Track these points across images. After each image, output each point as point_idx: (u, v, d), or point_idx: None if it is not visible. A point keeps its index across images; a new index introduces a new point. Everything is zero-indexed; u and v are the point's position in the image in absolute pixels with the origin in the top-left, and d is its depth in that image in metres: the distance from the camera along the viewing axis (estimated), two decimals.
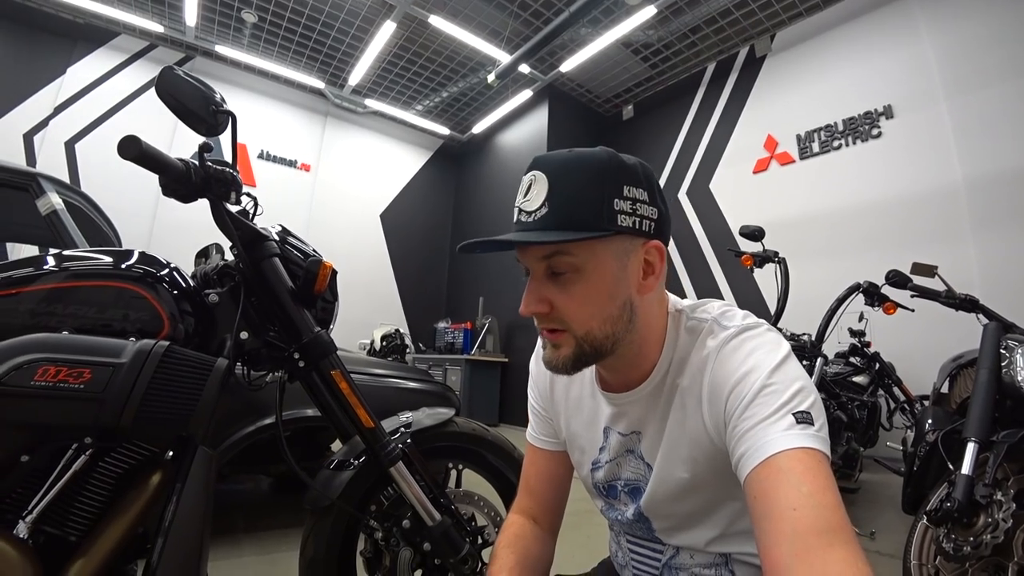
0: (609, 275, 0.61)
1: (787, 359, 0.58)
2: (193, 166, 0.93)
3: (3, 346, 0.75)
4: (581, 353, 0.63)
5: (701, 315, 0.68)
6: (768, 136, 5.41)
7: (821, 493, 0.47)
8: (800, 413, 0.53)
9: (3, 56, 5.57)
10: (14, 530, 0.71)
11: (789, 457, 0.50)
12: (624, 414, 0.72)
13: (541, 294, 0.62)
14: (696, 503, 0.67)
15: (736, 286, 5.42)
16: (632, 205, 0.60)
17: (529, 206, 0.60)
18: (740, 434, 0.54)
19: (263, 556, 1.82)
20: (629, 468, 0.74)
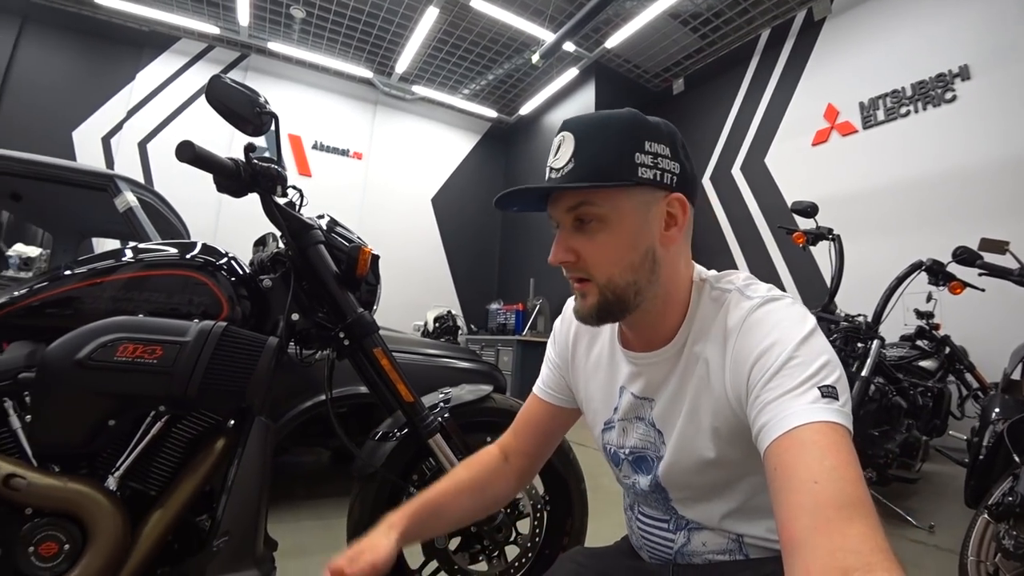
0: (631, 224, 0.64)
1: (813, 333, 0.58)
2: (242, 164, 1.02)
3: (90, 328, 0.87)
4: (605, 301, 0.65)
5: (725, 285, 0.69)
6: (828, 105, 5.11)
7: (844, 467, 0.46)
8: (826, 387, 0.52)
9: (80, 67, 6.06)
10: (105, 483, 0.83)
11: (813, 430, 0.49)
12: (641, 375, 0.73)
13: (568, 244, 0.66)
14: (717, 475, 0.68)
15: (793, 265, 5.21)
16: (654, 159, 0.63)
17: (557, 163, 0.64)
18: (762, 405, 0.54)
19: (319, 521, 1.98)
20: (636, 435, 0.75)
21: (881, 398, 2.34)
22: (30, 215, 2.89)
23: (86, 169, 2.13)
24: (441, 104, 8.06)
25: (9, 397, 0.87)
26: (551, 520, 1.37)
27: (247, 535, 0.88)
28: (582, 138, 0.63)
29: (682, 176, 0.65)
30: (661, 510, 0.76)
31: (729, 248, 5.90)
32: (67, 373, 0.83)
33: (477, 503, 0.85)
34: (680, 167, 0.65)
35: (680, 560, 0.75)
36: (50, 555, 0.80)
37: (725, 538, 0.71)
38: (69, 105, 5.91)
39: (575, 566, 0.81)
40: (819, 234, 2.68)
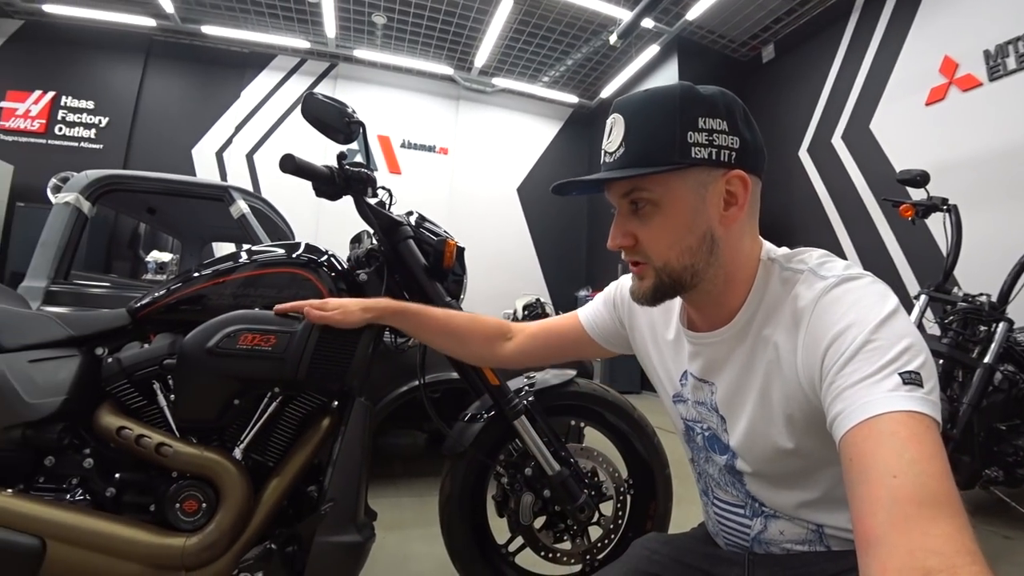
0: (686, 207, 0.62)
1: (894, 313, 0.53)
2: (336, 171, 1.12)
3: (217, 320, 1.01)
4: (660, 284, 0.65)
5: (797, 265, 0.64)
6: (945, 58, 4.54)
7: (926, 461, 0.43)
8: (908, 373, 0.48)
9: (194, 91, 6.82)
10: (232, 453, 0.97)
11: (892, 420, 0.45)
12: (700, 355, 0.72)
13: (625, 228, 0.65)
14: (794, 464, 0.65)
15: (905, 241, 4.70)
16: (708, 136, 0.60)
17: (610, 147, 0.64)
18: (837, 392, 0.51)
19: (416, 497, 2.13)
20: (704, 415, 0.75)
21: (1010, 388, 2.09)
22: (162, 226, 3.30)
23: (205, 183, 2.41)
24: (521, 94, 8.11)
25: (157, 380, 1.02)
26: (635, 504, 1.38)
27: (350, 503, 0.98)
28: (631, 120, 0.62)
29: (742, 150, 0.62)
30: (736, 495, 0.74)
31: (831, 224, 5.45)
32: (200, 359, 0.97)
33: (451, 344, 1.02)
34: (740, 140, 0.62)
35: (757, 548, 0.72)
36: (192, 511, 0.94)
37: (803, 528, 0.68)
38: (187, 126, 6.66)
39: (648, 552, 0.81)
40: (931, 205, 2.42)
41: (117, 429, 0.97)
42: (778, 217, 6.06)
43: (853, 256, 5.18)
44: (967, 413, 1.91)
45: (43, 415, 0.96)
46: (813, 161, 5.79)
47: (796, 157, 5.95)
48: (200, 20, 6.40)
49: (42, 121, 6.24)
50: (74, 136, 6.31)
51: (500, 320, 1.03)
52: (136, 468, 0.99)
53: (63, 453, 0.99)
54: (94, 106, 6.39)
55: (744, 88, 6.84)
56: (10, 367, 0.98)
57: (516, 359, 1.00)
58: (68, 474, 0.98)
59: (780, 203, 6.06)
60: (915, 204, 2.51)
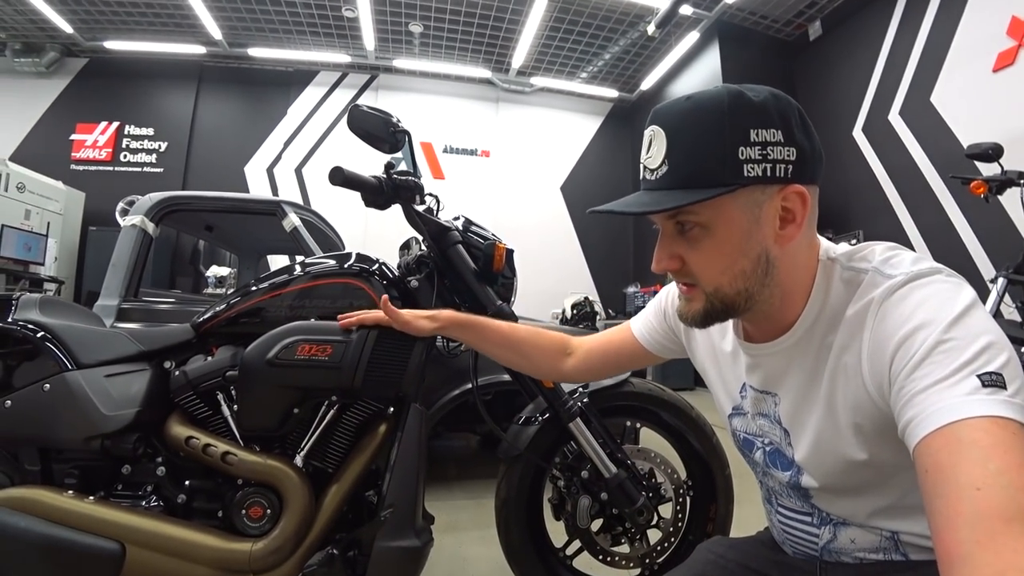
0: (738, 230, 0.57)
1: (970, 309, 0.49)
2: (384, 180, 1.13)
3: (275, 332, 1.04)
4: (712, 309, 0.61)
5: (859, 264, 0.60)
6: (1012, 19, 4.20)
7: (1014, 472, 0.39)
8: (988, 375, 0.44)
9: (244, 111, 7.19)
10: (293, 461, 1.00)
11: (972, 427, 0.41)
12: (759, 366, 0.69)
13: (671, 251, 0.61)
14: (867, 474, 0.60)
15: (977, 222, 4.36)
16: (762, 151, 0.54)
17: (651, 163, 0.58)
18: (909, 396, 0.47)
19: (471, 500, 2.13)
20: (765, 429, 0.71)
21: None
22: (220, 241, 3.46)
23: (258, 199, 2.51)
24: (560, 91, 8.10)
25: (220, 391, 1.07)
26: (695, 506, 1.34)
27: (408, 508, 0.99)
28: (673, 136, 0.56)
29: (800, 161, 0.55)
30: (802, 504, 0.70)
31: (892, 206, 5.15)
32: (261, 371, 1.00)
33: (514, 357, 1.00)
34: (797, 151, 0.55)
35: (827, 557, 0.68)
36: (257, 517, 0.98)
37: (877, 535, 0.63)
38: (239, 145, 7.00)
39: (714, 557, 0.78)
40: (1006, 180, 2.25)
41: (186, 439, 1.01)
42: (833, 204, 5.77)
43: (919, 240, 4.88)
44: None
45: (119, 427, 1.01)
46: (869, 141, 5.49)
47: (850, 138, 5.65)
48: (246, 44, 6.71)
49: (108, 150, 6.71)
50: (137, 162, 6.75)
51: (561, 335, 1.01)
52: (205, 476, 1.04)
53: (138, 462, 1.04)
54: (154, 132, 6.82)
55: (791, 69, 6.57)
56: (89, 382, 1.04)
57: (577, 375, 0.99)
58: (143, 482, 1.04)
59: (834, 188, 5.77)
60: (988, 180, 2.35)
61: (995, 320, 1.81)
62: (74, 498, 0.96)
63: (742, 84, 0.58)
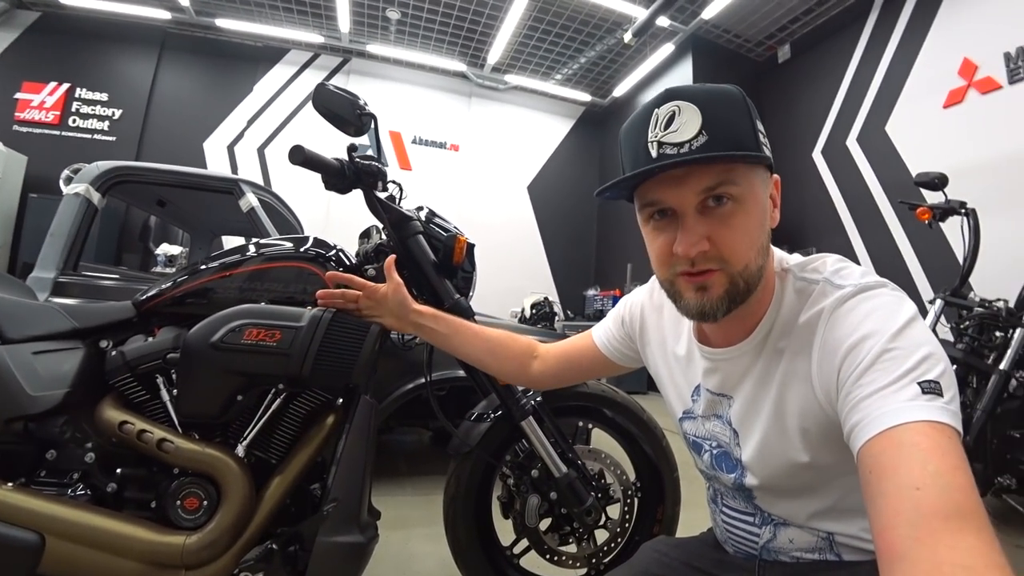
0: (761, 205, 0.60)
1: (912, 322, 0.52)
2: (346, 163, 1.09)
3: (222, 314, 0.99)
4: (735, 289, 0.59)
5: (811, 275, 0.63)
6: (964, 60, 4.47)
7: (951, 473, 0.41)
8: (928, 383, 0.46)
9: (207, 84, 6.87)
10: (235, 450, 0.96)
11: (913, 430, 0.44)
12: (717, 370, 0.70)
13: (702, 231, 0.57)
14: (809, 477, 0.63)
15: (920, 246, 4.64)
16: (763, 138, 0.59)
17: (678, 137, 0.55)
18: (855, 402, 0.49)
19: (420, 496, 2.11)
20: (715, 432, 0.73)
21: None
22: (172, 218, 3.31)
23: (215, 175, 2.41)
24: (534, 91, 8.11)
25: (160, 374, 1.01)
26: (642, 507, 1.36)
27: (353, 502, 0.96)
28: (709, 108, 0.56)
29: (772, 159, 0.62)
30: (745, 504, 0.73)
31: (844, 226, 5.40)
32: (204, 354, 0.96)
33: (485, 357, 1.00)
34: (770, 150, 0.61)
35: (766, 556, 0.71)
36: (192, 508, 0.93)
37: (814, 536, 0.66)
38: (199, 119, 6.70)
39: (658, 555, 0.80)
40: (949, 208, 2.38)
41: (119, 423, 0.95)
42: (790, 219, 5.99)
43: (866, 260, 5.12)
44: (981, 420, 1.90)
45: (46, 408, 0.95)
46: (827, 163, 5.73)
47: (810, 159, 5.88)
48: (215, 13, 6.43)
49: (56, 112, 6.30)
50: (88, 128, 6.37)
51: (529, 340, 1.01)
52: (138, 464, 0.98)
53: (65, 447, 0.97)
54: (108, 98, 6.45)
55: (759, 88, 6.78)
56: (13, 358, 0.96)
57: (543, 380, 1.01)
58: (69, 469, 0.97)
59: (793, 205, 5.99)
60: (933, 207, 2.47)
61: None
62: None
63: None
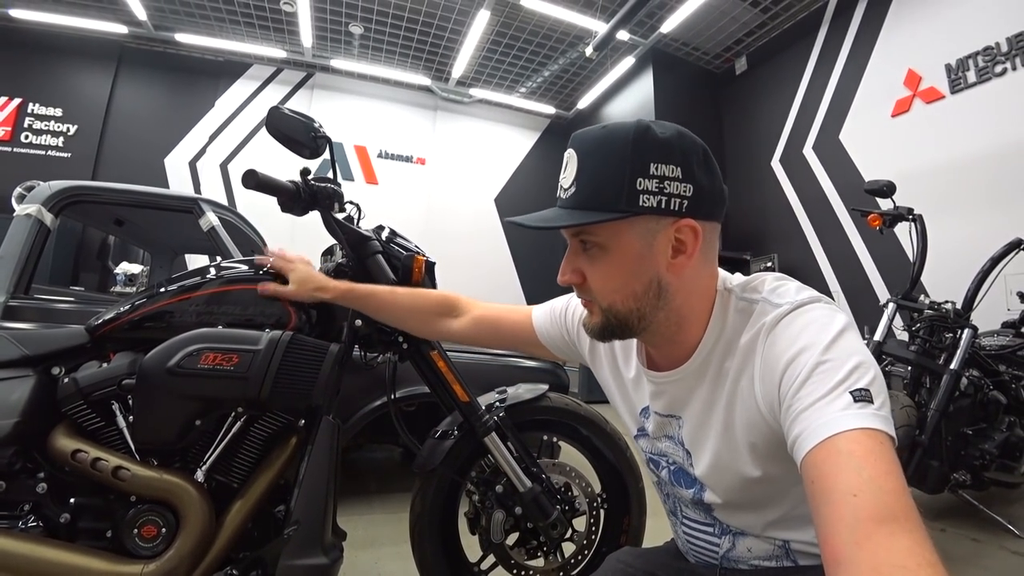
0: (631, 254, 0.61)
1: (842, 333, 0.55)
2: (301, 186, 1.10)
3: (178, 339, 0.98)
4: (607, 324, 0.65)
5: (751, 295, 0.66)
6: (909, 71, 4.71)
7: (883, 478, 0.44)
8: (858, 391, 0.49)
9: (168, 99, 6.72)
10: (194, 476, 0.95)
11: (848, 439, 0.47)
12: (663, 393, 0.72)
13: (574, 265, 0.65)
14: (761, 490, 0.66)
15: (876, 249, 4.84)
16: (659, 184, 0.58)
17: (564, 183, 0.63)
18: (795, 415, 0.52)
19: (389, 514, 2.09)
20: (668, 450, 0.75)
21: (975, 393, 2.13)
22: (131, 237, 3.22)
23: (173, 195, 2.36)
24: (499, 104, 8.18)
25: (116, 400, 1.00)
26: (609, 519, 1.38)
27: (316, 524, 0.96)
28: (583, 160, 0.61)
29: (696, 198, 0.60)
30: (704, 516, 0.76)
31: (804, 233, 5.59)
32: (160, 379, 0.95)
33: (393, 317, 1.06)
34: (694, 188, 0.59)
35: (726, 564, 0.74)
36: (150, 536, 0.92)
37: (771, 544, 0.69)
38: (160, 135, 6.55)
39: (622, 565, 0.81)
40: (897, 215, 2.48)
41: (72, 452, 0.93)
42: (753, 225, 6.19)
43: (826, 264, 5.31)
44: (935, 418, 1.95)
45: None
46: (785, 171, 5.93)
47: (769, 167, 6.08)
48: (174, 28, 6.31)
49: (7, 128, 6.08)
50: (41, 144, 6.15)
51: (449, 296, 1.05)
52: (92, 492, 0.96)
53: (15, 478, 0.95)
54: (62, 113, 6.25)
55: (718, 99, 7.00)
56: None
57: (459, 337, 1.02)
58: (20, 500, 0.94)
59: (754, 212, 6.19)
60: (882, 214, 2.57)
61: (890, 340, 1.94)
62: None
63: (656, 120, 0.62)
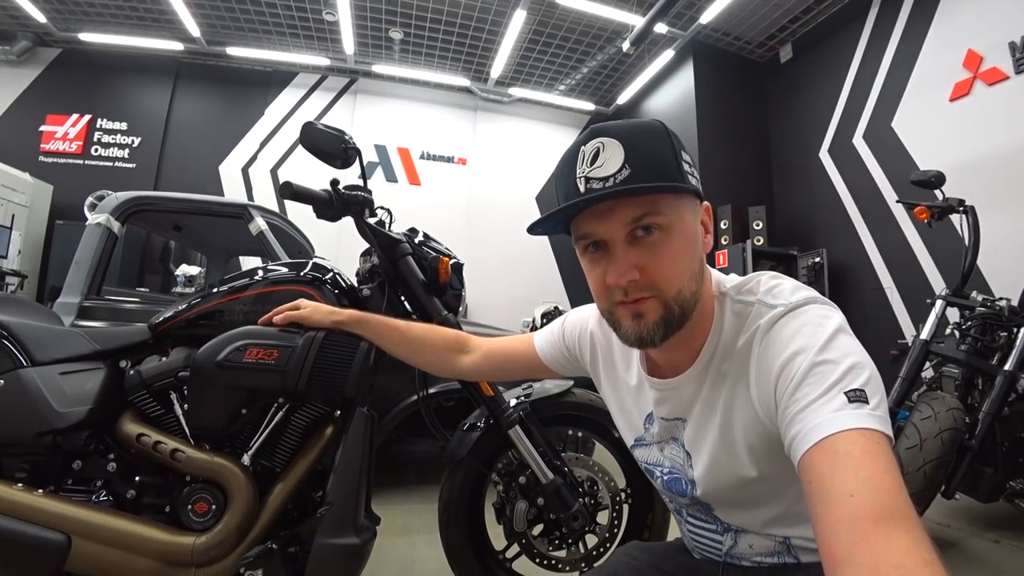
0: (690, 232, 0.63)
1: (837, 333, 0.55)
2: (333, 194, 1.19)
3: (226, 335, 1.09)
4: (670, 317, 0.61)
5: (746, 297, 0.66)
6: (968, 52, 4.43)
7: (880, 477, 0.44)
8: (853, 391, 0.49)
9: (220, 110, 7.11)
10: (241, 459, 1.05)
11: (844, 439, 0.47)
12: (667, 400, 0.73)
13: (631, 261, 0.60)
14: (759, 489, 0.67)
15: (932, 242, 4.56)
16: (689, 166, 0.63)
17: (602, 172, 0.58)
18: (791, 416, 0.52)
19: (426, 504, 2.18)
20: (670, 456, 0.76)
21: None
22: (189, 241, 3.46)
23: (225, 202, 2.54)
24: (538, 103, 8.17)
25: (173, 391, 1.11)
26: (632, 514, 1.41)
27: (348, 506, 1.04)
28: (631, 143, 0.59)
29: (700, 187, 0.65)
30: (705, 516, 0.77)
31: (854, 226, 5.34)
32: (210, 372, 1.05)
33: (406, 352, 1.07)
34: (698, 180, 0.65)
35: (730, 560, 0.75)
36: (202, 512, 1.02)
37: (772, 541, 0.70)
38: (214, 144, 6.93)
39: (628, 558, 0.84)
40: (947, 207, 2.37)
41: (136, 436, 1.05)
42: (800, 219, 5.98)
43: (878, 259, 5.08)
44: (987, 422, 1.87)
45: (72, 423, 1.05)
46: (834, 162, 5.70)
47: (817, 158, 5.86)
48: (225, 42, 6.66)
49: (79, 143, 6.57)
50: (109, 156, 6.62)
51: (460, 333, 1.07)
52: (154, 472, 1.08)
53: (89, 458, 1.08)
54: (127, 127, 6.71)
55: (762, 90, 6.78)
56: (43, 379, 1.08)
57: (470, 374, 1.04)
58: (94, 477, 1.07)
59: (801, 205, 5.98)
60: (930, 206, 2.46)
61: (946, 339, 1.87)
62: (23, 491, 0.99)
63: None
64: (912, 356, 2.06)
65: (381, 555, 1.11)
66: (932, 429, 1.76)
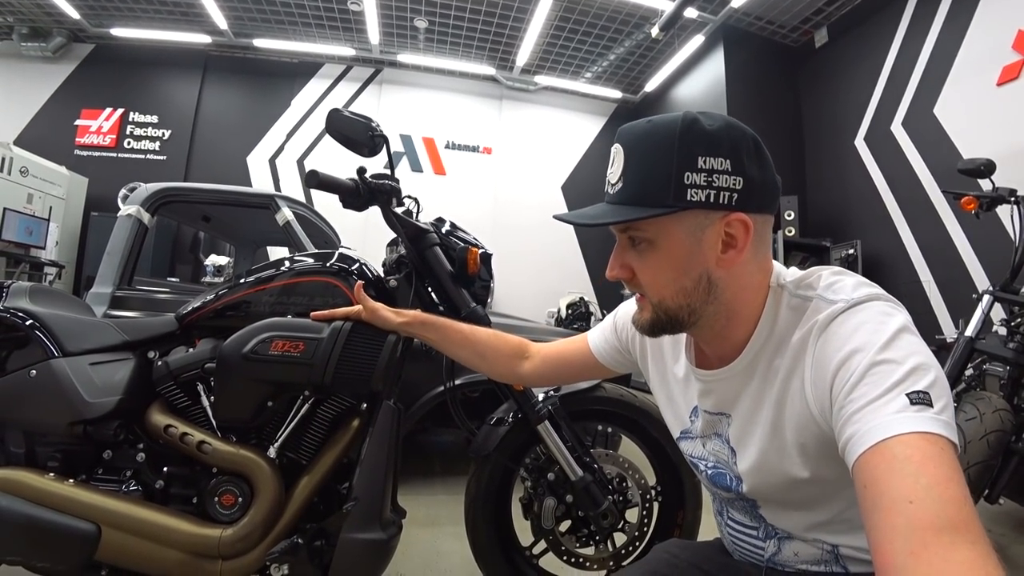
0: (680, 249, 0.60)
1: (901, 332, 0.52)
2: (359, 183, 1.16)
3: (252, 327, 1.07)
4: (657, 319, 0.65)
5: (805, 292, 0.63)
6: (1019, 32, 4.19)
7: (943, 485, 0.41)
8: (916, 393, 0.47)
9: (248, 101, 7.21)
10: (267, 452, 1.04)
11: (904, 443, 0.44)
12: (711, 392, 0.71)
13: (623, 260, 0.65)
14: (809, 491, 0.64)
15: (976, 235, 4.35)
16: (708, 177, 0.57)
17: (611, 178, 0.63)
18: (847, 416, 0.50)
19: (451, 496, 2.17)
20: (712, 451, 0.74)
21: None
22: (217, 232, 3.51)
23: (253, 192, 2.56)
24: (564, 91, 8.05)
25: (200, 382, 1.11)
26: (662, 512, 1.38)
27: (375, 501, 1.03)
28: (630, 155, 0.61)
29: (746, 191, 0.58)
30: (749, 517, 0.74)
31: (891, 217, 5.14)
32: (236, 364, 1.04)
33: (473, 358, 1.03)
34: (744, 181, 0.58)
35: (772, 566, 0.72)
36: (228, 504, 1.02)
37: (818, 549, 0.66)
38: (242, 135, 7.03)
39: (668, 556, 0.81)
40: (997, 197, 2.24)
41: (164, 427, 1.05)
42: (834, 210, 5.79)
43: (916, 253, 4.88)
44: None
45: (101, 413, 1.06)
46: (871, 150, 5.48)
47: (852, 146, 5.65)
48: (252, 34, 6.72)
49: (113, 136, 6.74)
50: (141, 148, 6.78)
51: (521, 339, 1.04)
52: (182, 463, 1.08)
53: (119, 448, 1.08)
54: (158, 120, 6.85)
55: (796, 75, 6.56)
56: (73, 369, 1.08)
57: (532, 379, 1.03)
58: (123, 467, 1.08)
59: (836, 195, 5.78)
60: (978, 196, 2.34)
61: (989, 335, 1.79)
62: (55, 480, 1.00)
63: (705, 111, 0.60)
64: (956, 353, 1.98)
65: (406, 547, 1.10)
66: (978, 431, 1.69)
